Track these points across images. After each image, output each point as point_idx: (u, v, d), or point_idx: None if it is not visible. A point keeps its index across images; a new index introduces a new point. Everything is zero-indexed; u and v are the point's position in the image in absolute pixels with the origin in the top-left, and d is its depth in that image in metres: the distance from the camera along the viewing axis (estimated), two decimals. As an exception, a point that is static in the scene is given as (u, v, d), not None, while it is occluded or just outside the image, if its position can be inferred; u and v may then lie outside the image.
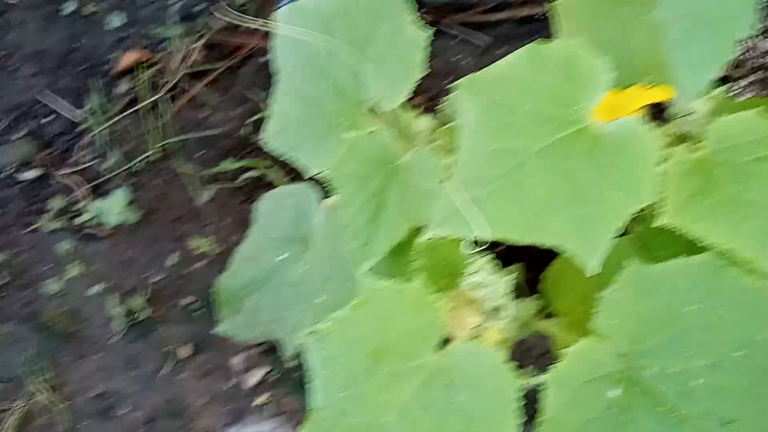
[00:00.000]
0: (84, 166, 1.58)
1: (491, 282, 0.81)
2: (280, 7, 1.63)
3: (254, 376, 1.40)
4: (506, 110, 0.81)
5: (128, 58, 1.67)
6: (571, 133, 0.80)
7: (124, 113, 1.61)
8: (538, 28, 1.66)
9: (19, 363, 1.41)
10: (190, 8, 1.72)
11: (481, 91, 0.82)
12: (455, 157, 0.83)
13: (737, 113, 0.79)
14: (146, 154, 1.56)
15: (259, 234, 1.18)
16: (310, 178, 1.05)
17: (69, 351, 1.43)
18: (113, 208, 1.48)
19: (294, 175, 1.44)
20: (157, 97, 1.61)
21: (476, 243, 0.80)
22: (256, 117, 1.57)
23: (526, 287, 1.32)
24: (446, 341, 0.82)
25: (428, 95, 1.63)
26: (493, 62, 0.82)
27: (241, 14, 1.65)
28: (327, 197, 1.09)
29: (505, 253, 0.94)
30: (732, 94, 1.45)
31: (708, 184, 0.78)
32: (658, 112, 0.89)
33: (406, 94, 1.01)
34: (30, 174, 1.59)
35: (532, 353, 1.33)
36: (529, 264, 1.42)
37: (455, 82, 0.84)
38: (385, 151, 0.96)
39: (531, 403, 1.21)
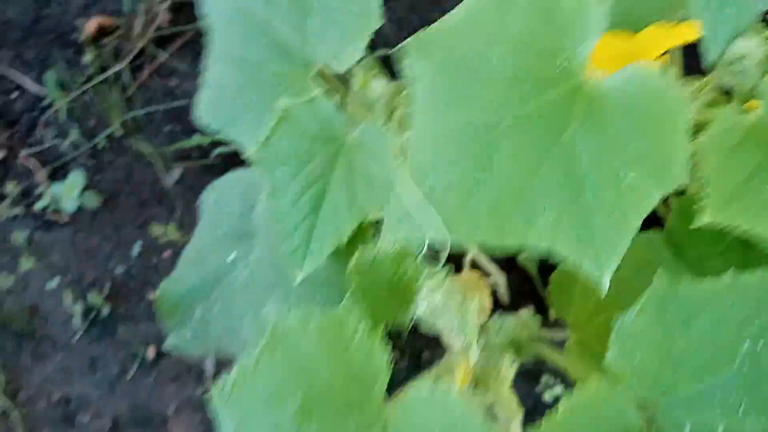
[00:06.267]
0: (46, 145, 1.34)
1: (453, 305, 0.54)
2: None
3: (229, 378, 1.16)
4: (467, 71, 0.53)
5: (91, 25, 1.41)
6: (561, 94, 0.51)
7: (88, 86, 1.36)
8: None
9: (-27, 367, 1.20)
10: (158, -35, 1.45)
11: (435, 50, 0.54)
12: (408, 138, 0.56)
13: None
14: (109, 130, 1.32)
15: (205, 231, 0.92)
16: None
17: (27, 351, 1.21)
18: (71, 193, 1.24)
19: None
20: (120, 67, 1.35)
21: (432, 253, 0.53)
22: (228, 84, 1.31)
23: (540, 284, 1.05)
24: (396, 386, 0.56)
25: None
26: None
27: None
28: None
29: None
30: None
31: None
32: (691, 60, 0.60)
33: (359, 51, 0.74)
34: (-7, 156, 1.36)
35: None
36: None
37: (404, 41, 0.56)
38: (328, 124, 0.69)
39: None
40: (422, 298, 0.56)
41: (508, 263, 1.06)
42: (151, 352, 1.18)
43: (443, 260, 0.55)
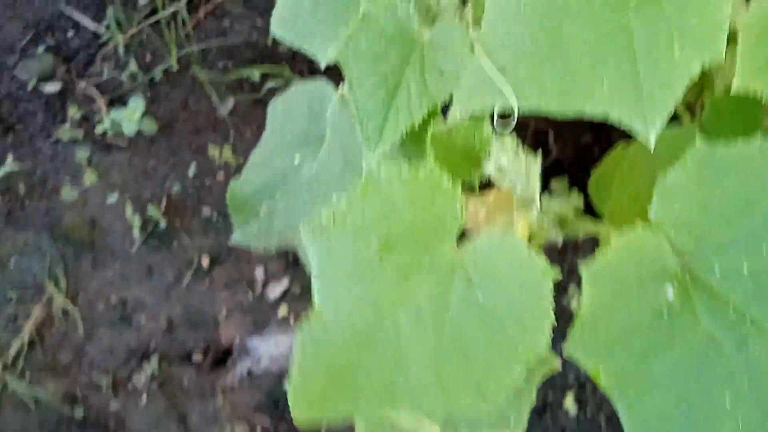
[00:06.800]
0: (105, 78, 1.43)
1: (519, 165, 0.63)
2: None
3: (276, 288, 1.25)
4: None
5: (150, -34, 1.50)
6: (625, -21, 0.60)
7: (145, 23, 1.45)
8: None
9: (38, 270, 1.29)
10: None
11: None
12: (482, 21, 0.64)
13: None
14: (165, 65, 1.40)
15: (272, 137, 1.00)
16: (326, 72, 0.88)
17: (87, 259, 1.30)
18: (131, 117, 1.33)
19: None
20: (177, 6, 1.44)
21: (502, 119, 0.62)
22: (280, 24, 1.39)
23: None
24: (466, 234, 0.65)
25: None
26: None
27: None
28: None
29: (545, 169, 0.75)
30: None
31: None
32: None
33: (430, -35, 0.82)
34: (52, 87, 1.44)
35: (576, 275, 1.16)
36: (573, 177, 1.23)
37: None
38: (404, 26, 0.77)
39: (565, 314, 1.04)
40: (491, 160, 0.65)
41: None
42: (205, 261, 1.27)
43: (512, 125, 0.63)
